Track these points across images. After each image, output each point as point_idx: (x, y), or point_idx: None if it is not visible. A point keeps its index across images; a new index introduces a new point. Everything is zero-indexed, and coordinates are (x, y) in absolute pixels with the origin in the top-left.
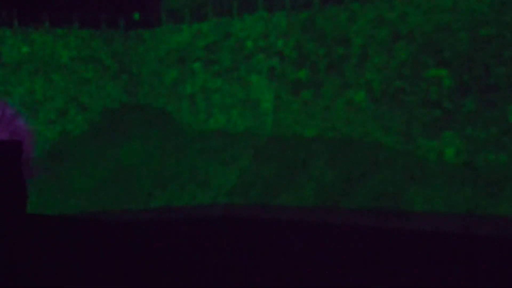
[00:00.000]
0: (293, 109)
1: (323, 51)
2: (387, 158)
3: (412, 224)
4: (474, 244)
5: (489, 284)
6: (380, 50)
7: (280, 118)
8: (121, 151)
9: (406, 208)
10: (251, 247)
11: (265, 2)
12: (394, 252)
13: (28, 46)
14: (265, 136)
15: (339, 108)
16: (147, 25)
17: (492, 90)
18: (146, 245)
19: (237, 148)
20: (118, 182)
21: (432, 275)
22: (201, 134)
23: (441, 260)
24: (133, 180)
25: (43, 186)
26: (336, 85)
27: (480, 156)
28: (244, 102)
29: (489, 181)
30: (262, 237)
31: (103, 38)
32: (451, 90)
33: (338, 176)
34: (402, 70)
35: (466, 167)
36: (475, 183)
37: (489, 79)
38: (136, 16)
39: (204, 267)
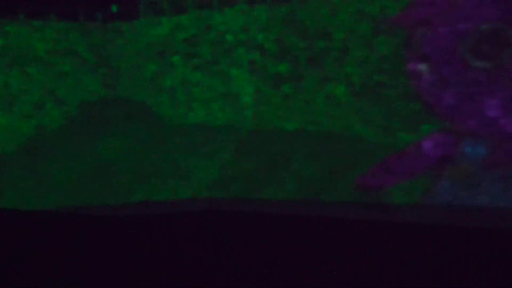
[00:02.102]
0: (273, 103)
1: (304, 44)
2: (367, 151)
3: (393, 216)
4: (454, 235)
5: (471, 274)
6: (360, 44)
7: (260, 111)
8: (100, 145)
9: (386, 200)
10: (233, 240)
11: None
12: (376, 244)
13: (3, 38)
14: (246, 130)
15: (320, 101)
16: (126, 18)
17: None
18: (126, 240)
19: (218, 142)
20: (97, 177)
21: (414, 267)
22: (181, 128)
23: (421, 251)
24: (112, 174)
25: (20, 181)
26: (317, 79)
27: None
28: (225, 96)
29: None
30: (244, 230)
31: (80, 30)
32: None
33: (319, 170)
34: (382, 64)
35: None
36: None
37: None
38: (114, 8)
39: (187, 262)
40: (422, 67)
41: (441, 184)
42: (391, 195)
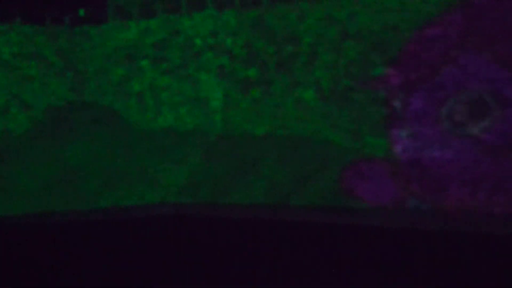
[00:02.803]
0: (242, 108)
1: (273, 49)
2: (336, 156)
3: (361, 220)
4: (420, 239)
5: (436, 275)
6: (329, 49)
7: (229, 116)
8: (67, 150)
9: (355, 205)
10: (202, 245)
11: (214, 0)
12: (343, 247)
13: None
14: (215, 135)
15: (289, 106)
16: (94, 22)
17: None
18: (94, 245)
19: (187, 147)
20: (64, 182)
21: (380, 270)
22: (150, 133)
23: (388, 255)
24: (79, 180)
25: None
26: (286, 84)
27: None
28: (193, 100)
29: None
30: (213, 235)
31: (47, 34)
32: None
33: (288, 174)
34: (350, 68)
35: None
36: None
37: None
38: (82, 12)
39: (155, 266)
40: (390, 72)
41: (409, 188)
42: (360, 199)
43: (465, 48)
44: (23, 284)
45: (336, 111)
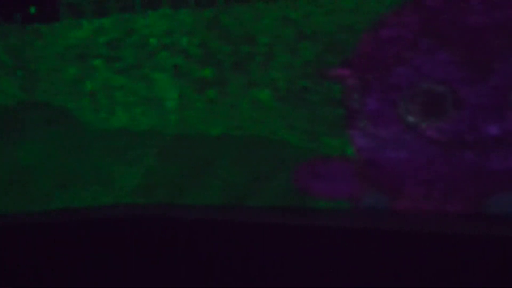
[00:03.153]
0: (198, 108)
1: (229, 49)
2: (292, 156)
3: (317, 221)
4: (375, 238)
5: (394, 276)
6: (285, 49)
7: (185, 116)
8: (17, 151)
9: (311, 205)
10: (156, 247)
11: None
12: (301, 248)
13: None
14: (170, 135)
15: (245, 106)
16: (45, 20)
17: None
18: (46, 247)
19: (141, 147)
20: (15, 183)
21: (337, 270)
22: (103, 133)
23: (344, 255)
24: (31, 181)
25: None
26: (242, 84)
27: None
28: (148, 100)
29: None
30: (168, 236)
31: None
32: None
33: (244, 175)
34: (306, 69)
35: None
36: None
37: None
38: (33, 10)
39: (109, 268)
40: (346, 72)
41: (366, 189)
42: (316, 199)
43: (420, 49)
44: None
45: (292, 112)
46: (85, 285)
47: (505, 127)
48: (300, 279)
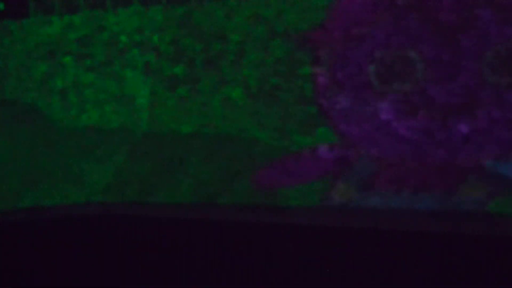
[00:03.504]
0: (169, 105)
1: (200, 47)
2: (263, 153)
3: (288, 219)
4: (346, 236)
5: (364, 274)
6: (256, 47)
7: (156, 114)
8: None
9: (282, 203)
10: (128, 245)
11: None
12: (272, 246)
13: None
14: (141, 133)
15: (216, 104)
16: (14, 16)
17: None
18: (15, 246)
19: (112, 145)
20: None
21: (308, 268)
22: (74, 131)
23: (315, 253)
24: (0, 179)
25: None
26: (213, 81)
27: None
28: (119, 98)
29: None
30: (139, 235)
31: None
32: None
33: (215, 173)
34: (278, 67)
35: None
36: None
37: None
38: (1, 6)
39: (80, 267)
40: (317, 70)
41: (337, 187)
42: (288, 197)
43: (391, 48)
44: None
45: (264, 110)
46: (53, 285)
47: (475, 126)
48: (272, 278)
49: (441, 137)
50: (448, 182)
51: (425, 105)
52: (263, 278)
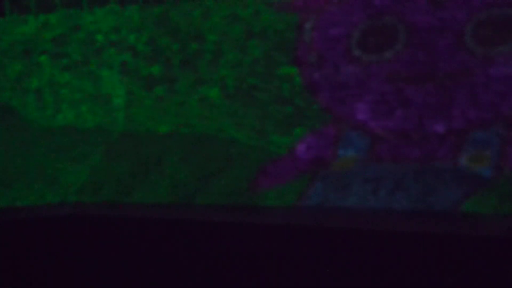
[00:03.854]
0: (146, 105)
1: (177, 46)
2: (241, 154)
3: (265, 219)
4: (322, 236)
5: (341, 273)
6: (234, 47)
7: (132, 114)
8: None
9: (259, 203)
10: (104, 246)
11: None
12: (248, 246)
13: None
14: (117, 133)
15: (193, 104)
16: None
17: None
18: None
19: (88, 145)
20: None
21: (285, 268)
22: (49, 130)
23: (291, 253)
24: None
25: None
26: (190, 81)
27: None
28: (95, 97)
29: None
30: (115, 235)
31: None
32: (302, 88)
33: (192, 173)
34: (255, 67)
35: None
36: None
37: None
38: None
39: (55, 268)
40: (293, 70)
41: (314, 187)
42: (265, 197)
43: (367, 48)
44: None
45: (241, 109)
46: (28, 285)
47: (450, 125)
48: (249, 277)
49: (417, 137)
50: (423, 182)
51: (401, 106)
52: (240, 278)
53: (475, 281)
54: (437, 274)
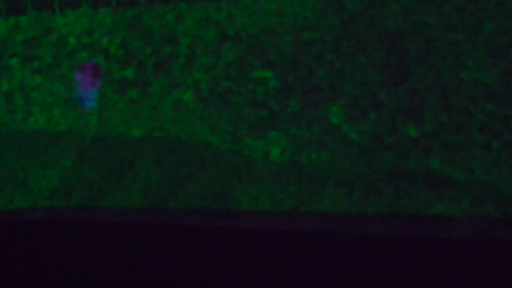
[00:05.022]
0: (119, 109)
1: (150, 50)
2: (214, 158)
3: (239, 223)
4: (296, 240)
5: (310, 278)
6: (207, 50)
7: (105, 117)
8: None
9: (233, 207)
10: (77, 251)
11: None
12: (222, 250)
13: None
14: (90, 136)
15: (167, 107)
16: None
17: (314, 92)
18: None
19: (59, 149)
20: None
21: (259, 272)
22: (20, 134)
23: (265, 257)
24: None
25: None
26: (164, 85)
27: (304, 155)
28: (67, 101)
29: (312, 179)
30: (88, 240)
31: None
32: (276, 91)
33: (165, 177)
34: (229, 70)
35: (291, 166)
36: (299, 182)
37: (311, 81)
38: None
39: (26, 272)
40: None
41: (287, 190)
42: (239, 201)
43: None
44: None
45: (215, 113)
46: None
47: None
48: (222, 281)
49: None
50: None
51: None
52: (213, 282)
53: (448, 283)
54: (411, 276)
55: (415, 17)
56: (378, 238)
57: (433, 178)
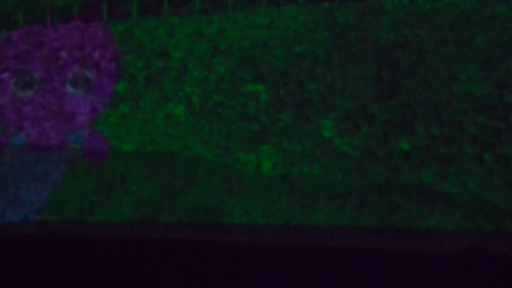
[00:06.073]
0: (110, 122)
1: (142, 63)
2: (206, 171)
3: (231, 236)
4: (288, 253)
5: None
6: (199, 64)
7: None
8: None
9: (225, 220)
10: (68, 265)
11: (80, 12)
12: (213, 264)
13: None
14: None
15: (159, 121)
16: None
17: (306, 105)
18: None
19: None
20: None
21: (250, 286)
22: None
23: (257, 271)
24: None
25: None
26: (155, 98)
27: (296, 169)
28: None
29: (304, 192)
30: (79, 254)
31: None
32: (268, 105)
33: (157, 190)
34: (220, 84)
35: (283, 179)
36: (291, 195)
37: (303, 94)
38: None
39: (17, 286)
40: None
41: (278, 203)
42: (230, 214)
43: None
44: None
45: (207, 127)
46: None
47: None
48: None
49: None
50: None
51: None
52: None
53: None
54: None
55: (406, 30)
56: (371, 252)
57: (425, 191)
